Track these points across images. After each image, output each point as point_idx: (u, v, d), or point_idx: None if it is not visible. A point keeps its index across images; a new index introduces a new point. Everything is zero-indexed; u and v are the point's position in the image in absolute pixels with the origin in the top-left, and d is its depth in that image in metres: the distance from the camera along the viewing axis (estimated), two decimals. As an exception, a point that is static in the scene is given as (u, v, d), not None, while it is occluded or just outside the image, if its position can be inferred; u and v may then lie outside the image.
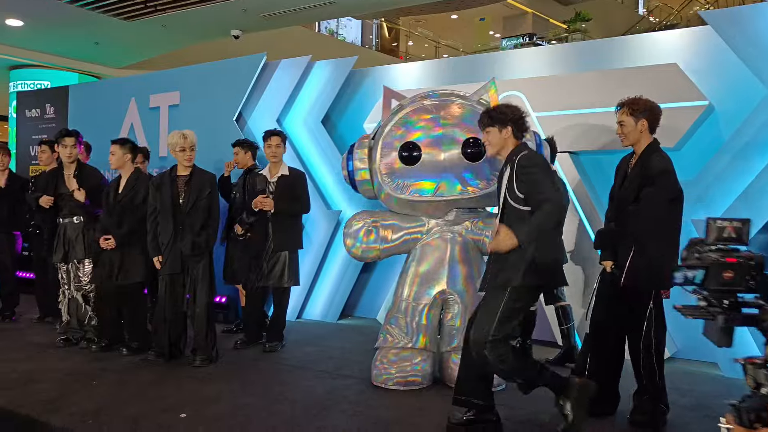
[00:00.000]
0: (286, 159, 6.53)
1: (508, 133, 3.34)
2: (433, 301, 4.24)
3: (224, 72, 7.00)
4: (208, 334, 4.76)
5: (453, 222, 4.30)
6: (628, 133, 3.56)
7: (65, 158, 5.27)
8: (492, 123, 3.35)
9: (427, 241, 4.35)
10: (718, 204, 4.62)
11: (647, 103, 3.56)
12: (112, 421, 3.50)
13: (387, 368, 4.22)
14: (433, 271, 4.28)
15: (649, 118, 3.54)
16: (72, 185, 5.26)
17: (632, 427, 3.48)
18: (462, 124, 4.20)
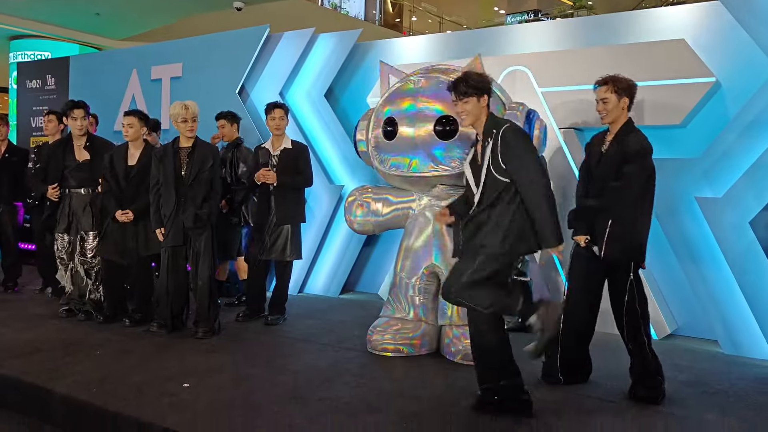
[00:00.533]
0: (289, 132, 6.52)
1: (485, 101, 3.26)
2: (422, 275, 4.32)
3: (227, 44, 6.94)
4: (211, 307, 4.77)
5: (438, 197, 4.31)
6: (611, 110, 3.57)
7: (76, 131, 5.17)
8: (470, 92, 3.22)
9: (416, 216, 4.40)
10: (722, 181, 4.61)
11: (628, 81, 3.59)
12: (116, 389, 3.52)
13: (381, 335, 4.32)
14: (420, 245, 4.35)
15: (630, 97, 3.59)
16: (82, 156, 5.22)
17: (636, 403, 3.50)
18: (437, 100, 4.16)
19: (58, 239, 5.27)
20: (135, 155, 5.02)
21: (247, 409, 3.27)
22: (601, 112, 3.60)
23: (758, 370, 4.21)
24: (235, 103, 6.63)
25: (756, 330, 4.50)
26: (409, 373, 3.93)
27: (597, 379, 3.90)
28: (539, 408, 3.36)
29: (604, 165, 3.58)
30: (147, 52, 7.81)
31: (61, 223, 5.23)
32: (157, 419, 3.11)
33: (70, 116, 5.15)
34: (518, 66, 5.53)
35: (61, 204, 5.26)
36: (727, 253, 4.57)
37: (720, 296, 4.66)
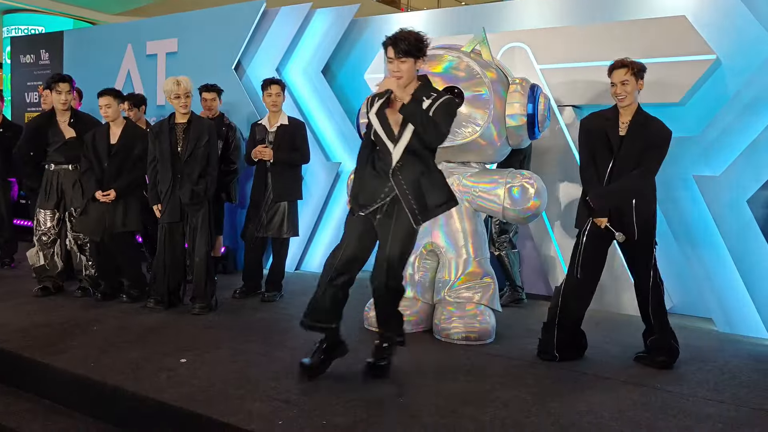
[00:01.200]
0: (286, 109, 6.48)
1: (420, 65, 3.17)
2: (421, 253, 4.32)
3: (223, 19, 6.86)
4: (207, 283, 4.77)
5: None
6: (630, 92, 3.63)
7: (60, 105, 5.08)
8: (411, 52, 3.08)
9: None
10: (720, 160, 4.60)
11: (641, 64, 3.69)
12: (115, 363, 3.53)
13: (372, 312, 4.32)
14: None
15: (643, 79, 3.68)
16: (69, 133, 5.16)
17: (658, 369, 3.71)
18: (442, 75, 4.18)
19: (43, 215, 5.15)
20: (116, 133, 4.99)
21: (244, 383, 3.28)
22: (619, 95, 3.64)
23: (752, 348, 4.24)
24: (231, 78, 6.57)
25: (751, 308, 4.53)
26: (404, 350, 3.93)
27: (590, 355, 3.93)
28: (536, 386, 3.39)
29: (626, 149, 3.63)
30: (142, 27, 7.71)
31: (50, 200, 5.13)
32: (155, 393, 3.12)
33: (54, 89, 5.05)
34: (517, 42, 5.48)
35: (48, 180, 5.15)
36: (723, 232, 4.58)
37: (716, 274, 4.67)
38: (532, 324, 4.64)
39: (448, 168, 4.27)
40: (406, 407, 3.06)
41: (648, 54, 4.87)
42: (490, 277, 4.32)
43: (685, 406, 3.18)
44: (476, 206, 4.29)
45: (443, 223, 4.27)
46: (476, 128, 4.13)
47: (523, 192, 4.13)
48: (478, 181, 4.27)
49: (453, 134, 4.08)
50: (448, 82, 4.16)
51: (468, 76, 4.20)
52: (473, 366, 3.68)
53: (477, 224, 4.35)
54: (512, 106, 4.24)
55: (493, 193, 4.19)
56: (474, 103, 4.14)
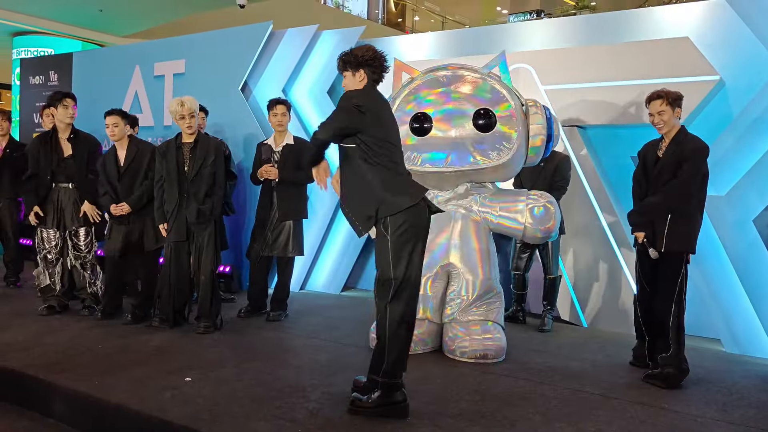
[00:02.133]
0: (291, 129, 6.52)
1: (362, 76, 3.24)
2: (436, 273, 4.30)
3: (230, 40, 6.93)
4: (213, 302, 4.77)
5: (462, 195, 4.33)
6: (667, 121, 3.83)
7: (67, 119, 5.13)
8: (344, 67, 3.27)
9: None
10: (725, 180, 4.61)
11: (677, 93, 3.91)
12: (119, 382, 3.52)
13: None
14: (439, 244, 4.32)
15: (680, 106, 3.89)
16: (68, 150, 5.18)
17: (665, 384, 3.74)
18: (473, 97, 4.26)
19: (44, 234, 5.17)
20: (122, 155, 5.05)
21: (249, 402, 3.26)
22: (657, 124, 3.85)
23: (760, 369, 4.21)
24: (237, 99, 6.63)
25: (759, 329, 4.50)
26: (410, 369, 3.90)
27: (597, 375, 3.90)
28: (544, 406, 3.36)
29: (661, 166, 3.83)
30: (150, 49, 7.80)
31: (49, 219, 5.16)
32: (159, 412, 3.11)
33: (61, 104, 5.10)
34: (522, 64, 5.53)
35: (49, 199, 5.17)
36: (729, 252, 4.57)
37: (722, 295, 4.65)
38: (537, 344, 4.64)
39: (470, 188, 4.32)
40: (413, 426, 3.03)
41: (652, 75, 4.92)
42: (500, 296, 4.37)
43: (693, 426, 3.15)
44: (495, 226, 4.31)
45: (461, 244, 4.29)
46: (509, 150, 4.18)
47: (546, 211, 4.23)
48: (499, 200, 4.33)
49: (486, 156, 4.16)
50: (481, 104, 4.22)
51: (495, 98, 4.26)
52: (480, 385, 3.66)
53: (490, 244, 4.38)
54: (535, 126, 4.34)
55: (515, 210, 4.26)
56: (506, 124, 4.21)
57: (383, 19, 22.46)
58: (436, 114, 4.28)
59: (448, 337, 4.24)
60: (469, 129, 4.20)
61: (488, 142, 4.18)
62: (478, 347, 4.11)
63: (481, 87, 4.30)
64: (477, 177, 4.31)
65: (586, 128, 5.35)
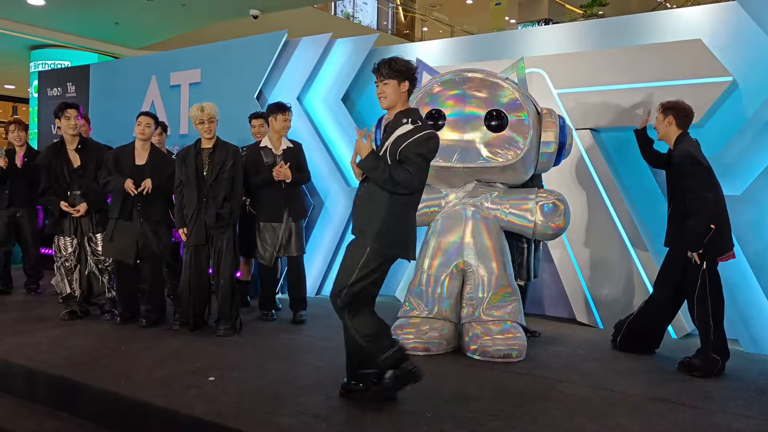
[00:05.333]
0: (307, 135, 6.64)
1: (405, 88, 3.26)
2: (452, 272, 4.35)
3: (245, 49, 7.04)
4: (233, 305, 4.83)
5: (471, 194, 4.38)
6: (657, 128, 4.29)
7: (70, 130, 5.21)
8: (392, 75, 3.23)
9: (447, 213, 4.45)
10: (741, 179, 4.63)
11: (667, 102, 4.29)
12: (144, 382, 3.58)
13: (404, 333, 4.35)
14: (452, 243, 4.39)
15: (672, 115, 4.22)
16: (77, 161, 5.27)
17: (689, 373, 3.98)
18: (488, 101, 4.31)
19: (61, 243, 5.27)
20: (143, 156, 5.10)
21: (273, 399, 3.31)
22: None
23: (779, 367, 4.21)
24: (253, 107, 6.72)
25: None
26: (430, 369, 3.93)
27: (617, 373, 3.93)
28: (564, 402, 3.39)
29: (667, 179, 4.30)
30: (165, 59, 7.93)
31: (67, 227, 5.26)
32: (185, 409, 3.16)
33: (63, 117, 5.19)
34: (534, 68, 5.58)
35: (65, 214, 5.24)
36: (746, 251, 4.58)
37: (740, 294, 4.66)
38: (554, 345, 4.66)
39: (477, 187, 4.36)
40: (435, 421, 3.07)
41: (665, 77, 4.97)
42: (517, 294, 4.40)
43: (714, 421, 3.17)
44: (505, 223, 4.36)
45: (474, 242, 4.33)
46: (518, 152, 4.23)
47: (555, 208, 4.30)
48: (509, 198, 4.39)
49: (495, 155, 4.20)
50: (495, 106, 4.28)
51: (510, 102, 4.31)
52: (499, 383, 3.69)
53: (503, 242, 4.42)
54: (547, 133, 4.39)
55: (524, 208, 4.33)
56: (517, 128, 4.26)
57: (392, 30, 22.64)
58: (450, 116, 4.34)
59: (468, 338, 4.27)
60: (480, 129, 4.26)
61: (498, 143, 4.23)
62: (502, 347, 4.14)
63: (498, 92, 4.35)
64: (485, 176, 4.36)
65: (600, 131, 5.39)
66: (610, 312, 5.25)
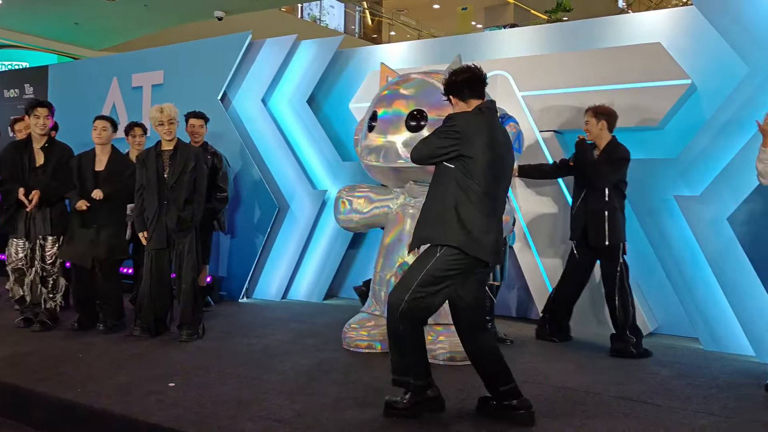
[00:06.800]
0: (272, 137, 6.60)
1: (457, 103, 3.24)
2: (396, 271, 4.37)
3: (209, 51, 6.95)
4: (195, 310, 4.74)
5: (412, 194, 4.41)
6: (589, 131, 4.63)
7: (38, 129, 5.02)
8: (446, 95, 3.26)
9: (393, 214, 4.50)
10: (700, 180, 4.71)
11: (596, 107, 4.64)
12: (102, 389, 3.48)
13: (356, 332, 4.44)
14: (394, 243, 4.42)
15: (603, 119, 4.57)
16: (41, 159, 5.10)
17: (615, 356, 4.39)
18: (414, 98, 4.29)
19: (12, 248, 5.03)
20: (103, 160, 5.00)
21: (236, 404, 3.24)
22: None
23: (738, 364, 4.29)
24: (217, 109, 6.62)
25: (736, 326, 4.58)
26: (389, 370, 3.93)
27: (582, 372, 3.95)
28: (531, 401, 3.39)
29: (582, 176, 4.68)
30: (127, 60, 7.78)
31: (20, 229, 5.03)
32: (144, 416, 3.08)
33: (32, 114, 5.01)
34: (499, 71, 5.61)
35: (18, 209, 5.02)
36: (705, 251, 4.66)
37: (699, 293, 4.74)
38: (517, 343, 4.68)
39: (414, 187, 4.37)
40: (399, 424, 3.04)
41: (626, 80, 5.04)
42: None
43: (676, 418, 3.20)
44: None
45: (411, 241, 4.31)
46: None
47: None
48: None
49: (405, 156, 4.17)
50: (419, 106, 4.24)
51: (438, 100, 4.26)
52: (464, 385, 3.67)
53: None
54: None
55: None
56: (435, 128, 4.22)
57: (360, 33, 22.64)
58: (380, 116, 4.35)
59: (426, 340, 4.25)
60: (401, 129, 4.23)
61: (415, 143, 4.17)
62: (448, 349, 4.11)
63: (428, 90, 4.29)
64: (417, 176, 4.29)
65: (563, 133, 5.44)
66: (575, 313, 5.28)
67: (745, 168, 4.45)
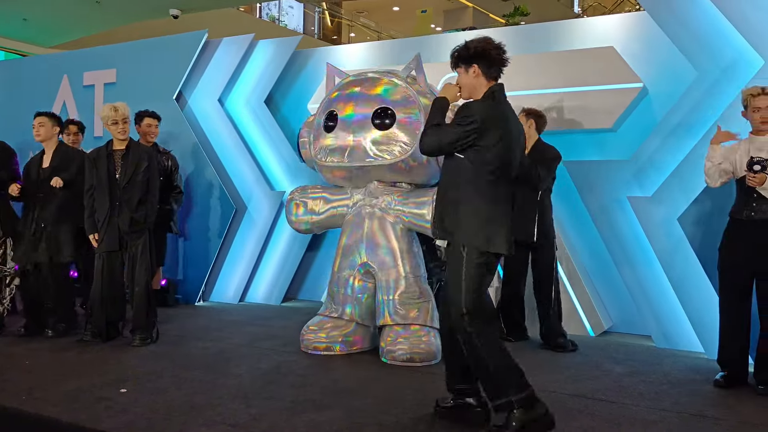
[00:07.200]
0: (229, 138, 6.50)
1: (476, 71, 3.01)
2: (356, 272, 4.35)
3: (164, 49, 6.81)
4: (149, 313, 4.62)
5: (372, 194, 4.37)
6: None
7: None
8: (457, 63, 3.04)
9: (351, 214, 4.46)
10: (652, 181, 4.82)
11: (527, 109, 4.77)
12: (49, 396, 3.35)
13: (314, 333, 4.39)
14: (354, 243, 4.39)
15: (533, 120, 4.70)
16: None
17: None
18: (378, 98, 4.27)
19: None
20: (49, 156, 4.88)
21: (189, 409, 3.17)
22: None
23: (689, 361, 4.40)
24: (172, 108, 6.50)
25: (686, 323, 4.69)
26: (355, 373, 3.91)
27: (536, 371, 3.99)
28: (484, 400, 3.40)
29: None
30: (78, 58, 7.56)
31: None
32: (93, 423, 2.97)
33: None
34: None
35: None
36: (657, 250, 4.76)
37: (651, 292, 4.85)
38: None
39: (377, 187, 4.35)
40: (357, 427, 3.01)
41: (580, 83, 5.13)
42: (427, 295, 4.33)
43: (630, 414, 3.26)
44: (408, 224, 4.34)
45: (374, 242, 4.31)
46: (406, 148, 4.16)
47: None
48: (409, 198, 4.33)
49: (382, 153, 4.17)
50: (384, 104, 4.24)
51: (402, 99, 4.28)
52: (421, 385, 3.67)
53: (412, 243, 4.38)
54: None
55: (420, 212, 4.25)
56: (405, 125, 4.20)
57: (319, 35, 22.55)
58: (342, 117, 4.31)
59: (383, 341, 4.24)
60: (368, 128, 4.21)
61: (385, 141, 4.17)
62: (407, 350, 4.09)
63: (390, 88, 4.31)
64: (383, 175, 4.31)
65: (520, 135, 5.49)
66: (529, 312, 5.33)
67: (695, 169, 4.56)
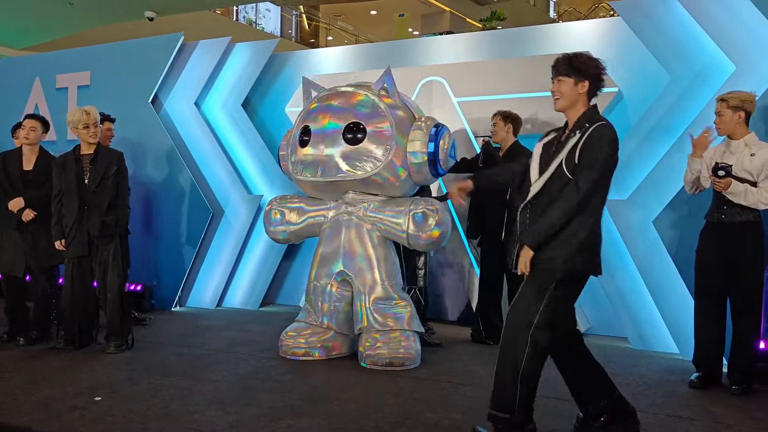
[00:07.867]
0: (206, 141, 6.44)
1: (584, 88, 2.91)
2: (334, 280, 4.35)
3: (139, 51, 6.72)
4: (123, 319, 4.55)
5: (350, 203, 4.38)
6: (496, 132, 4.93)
7: None
8: (569, 72, 2.89)
9: (328, 224, 4.45)
10: (627, 184, 4.87)
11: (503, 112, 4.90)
12: (20, 405, 3.28)
13: (293, 339, 4.38)
14: (331, 252, 4.39)
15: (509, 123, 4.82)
16: None
17: None
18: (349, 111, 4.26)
19: None
20: (31, 160, 4.80)
21: (165, 417, 3.12)
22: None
23: (664, 362, 4.45)
24: (148, 112, 6.42)
25: (661, 325, 4.75)
26: (333, 379, 3.89)
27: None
28: (466, 406, 3.40)
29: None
30: (51, 60, 7.44)
31: None
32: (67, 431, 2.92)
33: None
34: (434, 77, 5.67)
35: None
36: (633, 253, 4.82)
37: (627, 294, 4.90)
38: (452, 347, 4.72)
39: (355, 197, 4.34)
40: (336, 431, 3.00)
41: (557, 87, 5.16)
42: (405, 301, 4.34)
43: (606, 416, 3.27)
44: (384, 233, 4.34)
45: (351, 250, 4.31)
46: (377, 163, 4.16)
47: (425, 218, 4.17)
48: (385, 207, 4.32)
49: (354, 168, 4.17)
50: (356, 118, 4.22)
51: (372, 113, 4.25)
52: (401, 390, 3.66)
53: (389, 251, 4.39)
54: (413, 143, 4.24)
55: (396, 221, 4.25)
56: (376, 139, 4.19)
57: (297, 38, 22.49)
58: (315, 130, 4.30)
59: (362, 346, 4.24)
60: (339, 142, 4.19)
61: (356, 155, 4.16)
62: (387, 355, 4.09)
63: (361, 102, 4.29)
64: (358, 188, 4.31)
65: (497, 138, 5.52)
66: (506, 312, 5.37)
67: (669, 173, 4.64)
